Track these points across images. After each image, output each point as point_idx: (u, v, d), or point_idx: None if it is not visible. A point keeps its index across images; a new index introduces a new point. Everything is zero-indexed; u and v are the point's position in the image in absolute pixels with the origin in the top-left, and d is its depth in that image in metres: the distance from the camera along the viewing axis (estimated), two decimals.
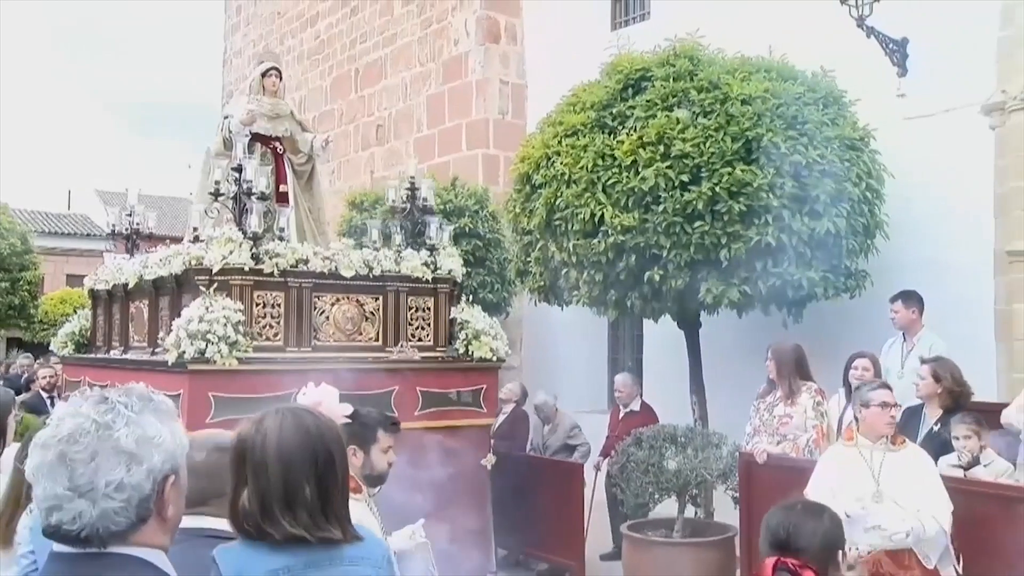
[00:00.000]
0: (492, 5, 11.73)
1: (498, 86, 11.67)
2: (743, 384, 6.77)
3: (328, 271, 5.87)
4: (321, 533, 1.99)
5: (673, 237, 6.59)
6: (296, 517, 1.99)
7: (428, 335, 6.28)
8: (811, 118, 6.72)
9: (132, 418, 1.58)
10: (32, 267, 20.53)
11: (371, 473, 3.28)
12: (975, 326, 7.09)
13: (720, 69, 7.03)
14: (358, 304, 6.03)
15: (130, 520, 1.55)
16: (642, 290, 6.92)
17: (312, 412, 2.18)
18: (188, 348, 5.23)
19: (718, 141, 6.54)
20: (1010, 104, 7.13)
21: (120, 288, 6.87)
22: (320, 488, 2.02)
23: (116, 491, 1.52)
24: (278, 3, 16.24)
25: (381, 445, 3.31)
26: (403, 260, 6.16)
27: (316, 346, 5.82)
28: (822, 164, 6.59)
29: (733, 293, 6.61)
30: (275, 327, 5.73)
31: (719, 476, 6.40)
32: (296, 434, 2.06)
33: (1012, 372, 7.01)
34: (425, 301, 6.29)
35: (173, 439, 1.63)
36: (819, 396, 6.05)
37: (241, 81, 17.03)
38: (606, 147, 6.92)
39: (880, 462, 4.29)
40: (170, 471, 1.61)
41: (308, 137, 7.10)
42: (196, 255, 5.56)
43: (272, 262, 5.64)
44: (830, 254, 6.73)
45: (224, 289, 5.50)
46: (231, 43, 17.99)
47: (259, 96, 6.95)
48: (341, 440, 2.17)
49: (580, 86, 7.71)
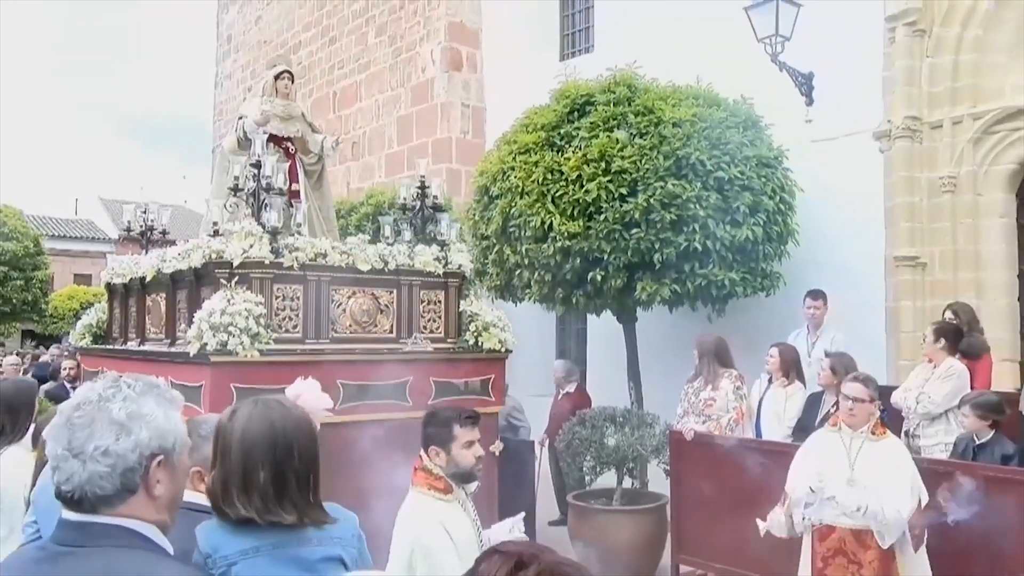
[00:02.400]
0: (455, 38, 11.61)
1: (460, 109, 11.55)
2: (674, 371, 6.75)
3: (345, 265, 5.36)
4: (271, 517, 1.88)
5: (613, 242, 6.55)
6: (250, 500, 1.89)
7: (439, 327, 5.81)
8: (732, 140, 6.72)
9: (131, 396, 1.54)
10: (43, 267, 20.43)
11: (458, 471, 2.89)
12: (869, 320, 7.15)
13: (654, 96, 7.00)
14: (373, 297, 5.53)
15: (115, 487, 1.49)
16: (586, 289, 6.87)
17: (285, 405, 2.05)
18: (210, 340, 4.73)
19: (652, 159, 6.51)
20: (894, 132, 7.22)
21: (137, 281, 6.32)
22: (276, 475, 1.91)
23: (103, 456, 1.48)
24: (264, 33, 15.92)
25: (460, 441, 2.89)
26: (416, 255, 5.67)
27: (334, 338, 5.32)
28: (742, 180, 6.61)
29: (665, 291, 6.59)
30: (294, 319, 5.23)
31: (653, 451, 6.35)
32: (260, 424, 1.95)
33: (899, 360, 7.10)
34: (436, 294, 5.81)
35: (167, 422, 1.56)
36: (739, 381, 6.03)
37: (231, 101, 16.70)
38: (554, 163, 6.85)
39: (858, 449, 4.07)
40: (158, 450, 1.53)
41: (318, 138, 6.61)
42: (216, 249, 5.02)
43: (292, 256, 5.13)
44: (749, 258, 6.75)
45: (244, 282, 5.00)
46: (222, 68, 17.60)
47: (272, 97, 6.46)
48: (307, 431, 2.02)
49: (532, 109, 7.62)
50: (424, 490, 2.89)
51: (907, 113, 7.14)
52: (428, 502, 2.86)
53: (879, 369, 6.75)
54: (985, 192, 6.96)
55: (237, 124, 6.31)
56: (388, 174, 12.26)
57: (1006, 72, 6.89)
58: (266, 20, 15.89)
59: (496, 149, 7.79)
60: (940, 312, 6.23)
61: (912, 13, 7.14)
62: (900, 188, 7.20)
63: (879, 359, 6.99)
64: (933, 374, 5.35)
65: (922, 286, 7.13)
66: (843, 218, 7.41)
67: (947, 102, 7.07)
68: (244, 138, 6.06)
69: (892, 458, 4.08)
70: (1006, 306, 6.88)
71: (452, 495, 2.89)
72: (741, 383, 6.06)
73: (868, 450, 4.06)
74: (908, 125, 7.14)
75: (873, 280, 7.29)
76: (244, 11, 16.73)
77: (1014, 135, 6.82)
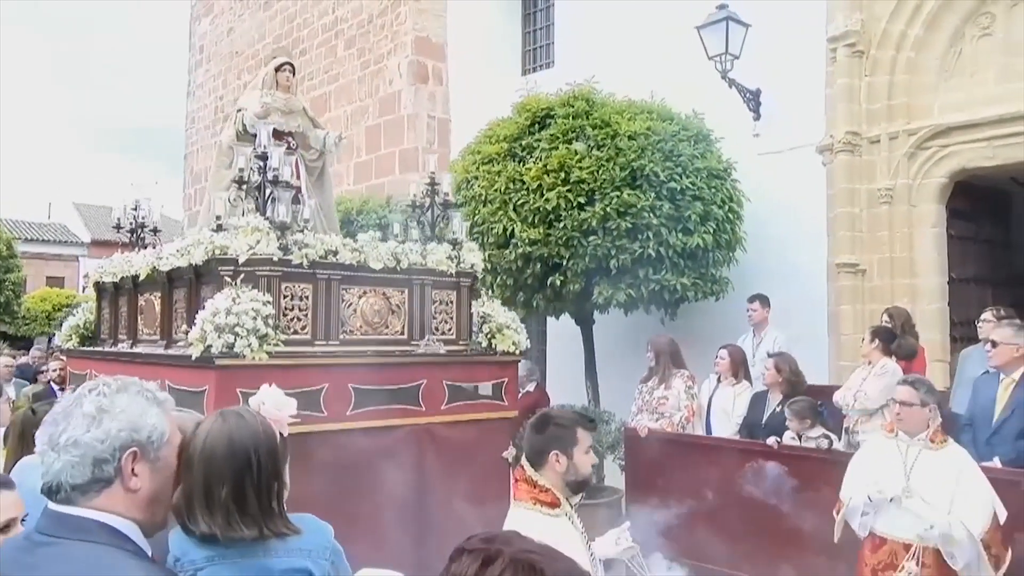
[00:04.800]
0: (421, 51, 11.57)
1: (426, 120, 11.50)
2: (628, 371, 6.78)
3: (356, 263, 4.87)
4: (232, 534, 1.80)
5: (572, 249, 6.57)
6: (213, 518, 1.81)
7: (451, 328, 5.35)
8: (685, 152, 6.77)
9: (104, 392, 1.57)
10: (16, 269, 19.88)
11: (576, 478, 2.56)
12: (812, 323, 7.24)
13: (611, 110, 7.03)
14: (384, 297, 5.05)
15: (85, 477, 1.50)
16: (546, 293, 6.88)
17: (244, 417, 1.95)
18: (215, 342, 4.22)
19: (609, 170, 6.55)
20: (836, 146, 7.33)
21: (129, 280, 5.74)
22: (235, 491, 1.83)
23: (73, 446, 1.51)
24: (236, 44, 15.70)
25: (583, 445, 2.57)
26: (428, 253, 5.22)
27: (344, 339, 4.84)
28: (693, 190, 6.66)
29: (621, 296, 6.63)
30: (303, 320, 4.70)
31: (608, 448, 6.40)
32: (219, 438, 1.86)
33: (840, 361, 7.19)
34: (448, 295, 5.35)
35: (140, 416, 1.56)
36: (690, 381, 6.09)
37: (203, 110, 16.45)
38: (516, 173, 6.86)
39: (915, 458, 3.65)
40: (130, 442, 1.53)
41: (320, 134, 6.06)
42: (221, 244, 4.48)
43: (301, 253, 4.61)
44: (699, 264, 6.81)
45: (250, 280, 4.47)
46: (194, 77, 17.32)
47: (272, 90, 5.93)
48: (266, 443, 1.92)
49: (495, 121, 7.62)
50: (529, 505, 2.50)
51: (847, 128, 7.27)
52: (536, 520, 2.43)
53: (821, 369, 6.90)
54: (919, 203, 7.12)
55: (236, 116, 5.84)
56: (356, 182, 12.18)
57: (935, 92, 7.08)
58: (238, 32, 15.69)
59: (460, 159, 7.78)
60: (879, 316, 6.35)
61: (852, 35, 7.29)
62: (841, 199, 7.33)
63: (822, 360, 7.11)
64: (870, 373, 5.46)
65: (861, 291, 7.26)
66: (788, 227, 7.52)
67: (884, 119, 7.22)
68: (243, 131, 5.60)
69: (954, 469, 3.62)
70: (937, 310, 7.04)
71: (560, 509, 2.50)
72: (692, 383, 6.12)
73: (926, 460, 3.65)
74: (848, 140, 7.27)
75: (816, 285, 7.40)
76: (216, 23, 16.50)
77: (943, 151, 7.00)
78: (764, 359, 6.02)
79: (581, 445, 2.55)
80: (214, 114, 16.02)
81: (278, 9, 14.35)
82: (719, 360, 6.08)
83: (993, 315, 5.63)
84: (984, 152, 6.80)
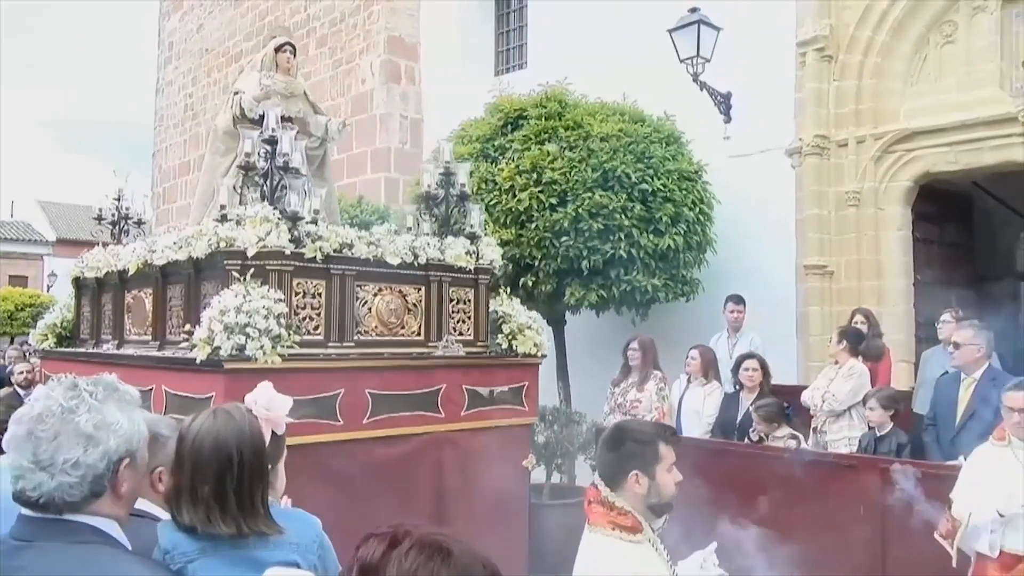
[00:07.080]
0: (394, 51, 11.50)
1: (399, 120, 11.43)
2: (600, 372, 6.78)
3: (372, 258, 4.45)
4: (211, 530, 1.82)
5: (543, 250, 6.56)
6: (195, 512, 1.84)
7: (469, 329, 4.92)
8: (656, 154, 6.79)
9: (94, 405, 1.51)
10: None
11: (658, 500, 2.23)
12: (781, 324, 7.30)
13: (583, 111, 7.04)
14: (401, 295, 4.64)
15: (84, 494, 1.48)
16: (518, 293, 6.82)
17: (233, 415, 1.94)
18: (224, 343, 3.81)
19: (581, 171, 6.55)
20: (805, 149, 7.42)
21: (115, 275, 5.22)
22: (216, 490, 1.85)
23: (72, 468, 1.46)
24: (205, 41, 15.48)
25: (666, 463, 2.25)
26: (447, 247, 4.79)
27: (359, 340, 4.43)
28: (664, 192, 6.68)
29: (592, 297, 6.63)
30: (315, 319, 4.28)
31: (580, 448, 6.39)
32: (207, 437, 1.88)
33: (808, 361, 7.26)
34: (465, 293, 4.92)
35: (131, 426, 1.55)
36: (662, 383, 6.10)
37: (172, 107, 16.19)
38: (489, 173, 6.83)
39: None
40: (125, 454, 1.53)
41: (322, 120, 5.62)
42: (227, 236, 4.05)
43: (315, 246, 4.19)
44: (670, 265, 6.82)
45: (260, 275, 4.03)
46: (164, 74, 17.04)
47: (272, 72, 5.47)
48: (252, 443, 1.91)
49: (468, 122, 7.59)
50: (608, 531, 2.19)
51: (816, 132, 7.35)
52: (616, 547, 2.17)
53: (790, 370, 6.95)
54: (885, 206, 7.21)
55: (232, 100, 5.40)
56: None
57: (901, 97, 7.19)
58: (208, 28, 15.47)
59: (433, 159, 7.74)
60: (846, 317, 6.42)
61: (820, 40, 7.37)
62: (810, 201, 7.40)
63: (790, 361, 7.18)
64: (837, 374, 5.51)
65: (829, 293, 7.34)
66: (757, 229, 7.57)
67: (852, 123, 7.31)
68: (241, 115, 5.18)
69: None
70: (903, 312, 7.14)
71: (642, 535, 2.19)
72: (664, 384, 6.13)
73: None
74: (817, 143, 7.36)
75: (785, 287, 7.46)
76: (186, 19, 16.25)
77: (908, 155, 7.10)
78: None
79: (664, 462, 2.24)
80: (184, 111, 15.77)
81: (249, 6, 14.18)
82: (690, 361, 6.10)
83: (952, 316, 5.73)
84: (947, 157, 6.92)
